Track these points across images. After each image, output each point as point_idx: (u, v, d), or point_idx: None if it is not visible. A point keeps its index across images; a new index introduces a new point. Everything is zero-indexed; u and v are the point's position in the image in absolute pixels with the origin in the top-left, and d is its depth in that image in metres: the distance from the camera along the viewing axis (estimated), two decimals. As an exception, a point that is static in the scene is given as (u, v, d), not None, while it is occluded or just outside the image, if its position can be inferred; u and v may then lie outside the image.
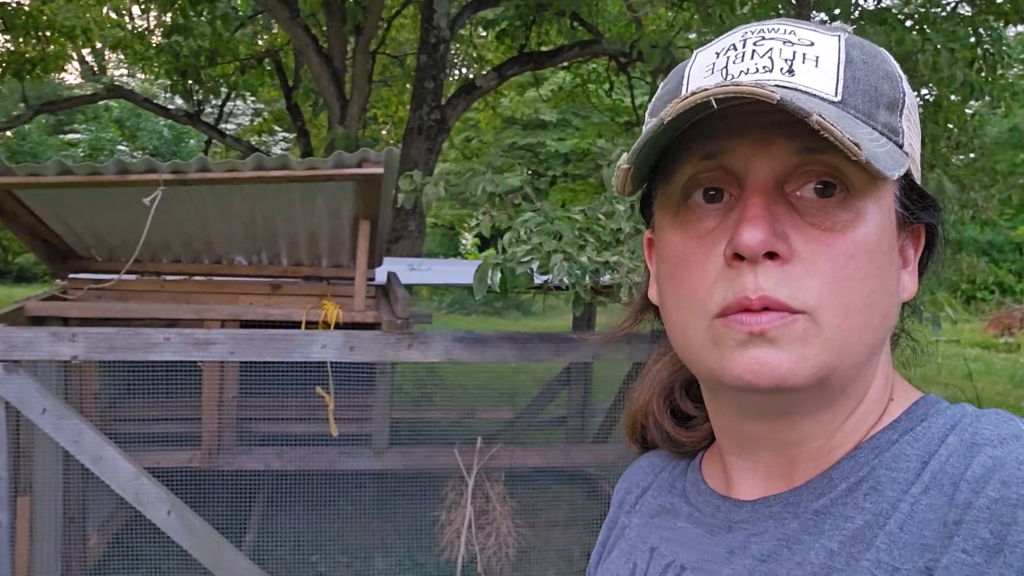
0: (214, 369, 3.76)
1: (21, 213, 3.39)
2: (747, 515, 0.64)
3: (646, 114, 0.67)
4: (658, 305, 0.67)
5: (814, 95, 0.55)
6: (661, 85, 0.65)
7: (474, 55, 10.13)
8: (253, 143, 9.97)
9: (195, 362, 3.61)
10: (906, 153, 0.58)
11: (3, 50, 8.76)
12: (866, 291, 0.56)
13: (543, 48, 7.55)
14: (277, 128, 12.62)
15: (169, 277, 3.87)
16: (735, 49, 0.59)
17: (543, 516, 4.41)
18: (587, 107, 13.36)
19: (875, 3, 5.79)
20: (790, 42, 0.58)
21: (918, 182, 0.62)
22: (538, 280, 2.84)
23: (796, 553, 0.58)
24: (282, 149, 15.59)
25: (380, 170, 3.03)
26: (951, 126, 5.58)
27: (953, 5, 5.39)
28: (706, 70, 0.60)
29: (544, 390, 5.64)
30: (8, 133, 17.44)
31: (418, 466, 3.98)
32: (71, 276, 3.75)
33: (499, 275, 2.74)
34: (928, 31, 4.19)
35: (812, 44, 0.58)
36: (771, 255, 0.55)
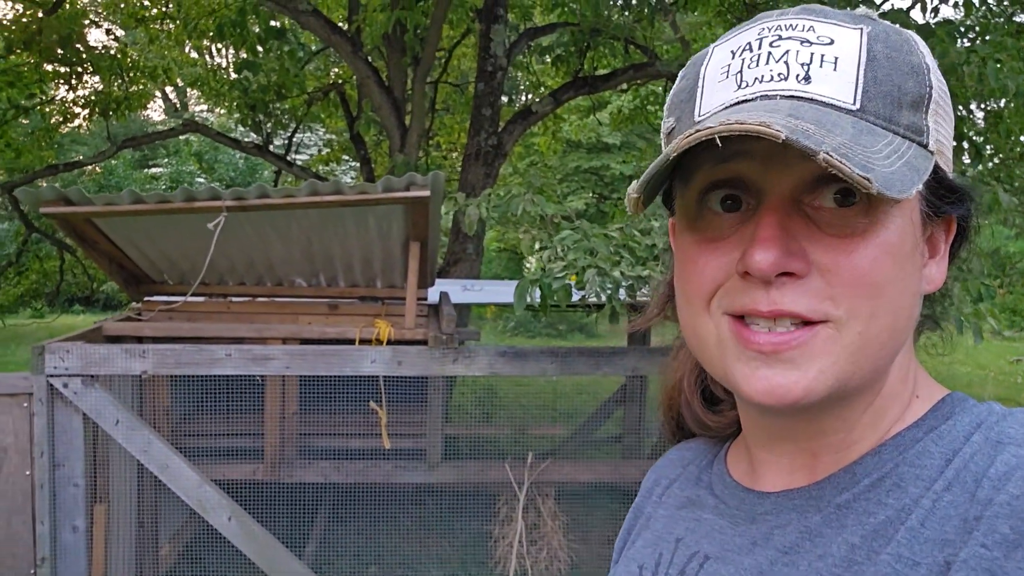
0: (276, 386, 3.96)
1: (100, 240, 3.65)
2: (770, 507, 0.65)
3: (664, 110, 0.66)
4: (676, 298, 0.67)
5: (831, 104, 0.54)
6: (679, 78, 0.64)
7: (533, 81, 10.32)
8: (321, 173, 10.34)
9: (259, 380, 3.82)
10: (931, 152, 0.57)
11: (91, 90, 9.33)
12: (890, 294, 0.56)
13: (598, 72, 7.66)
14: (345, 158, 13.02)
15: (234, 299, 4.09)
16: (750, 50, 0.57)
17: (595, 532, 4.46)
18: (650, 129, 13.41)
19: (932, 15, 5.73)
20: (808, 41, 0.56)
21: (949, 174, 0.61)
22: (576, 296, 2.93)
23: (818, 546, 0.59)
24: (351, 178, 16.07)
25: (427, 193, 3.17)
26: (1013, 137, 5.45)
27: (1010, 13, 5.30)
28: (721, 73, 0.59)
29: (600, 409, 5.69)
30: (97, 168, 18.42)
31: (471, 480, 4.09)
32: (146, 299, 4.01)
33: (538, 291, 2.85)
34: (975, 43, 4.14)
35: (832, 42, 0.56)
36: (786, 273, 0.54)
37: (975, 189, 0.63)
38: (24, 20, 8.03)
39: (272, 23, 7.23)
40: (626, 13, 6.85)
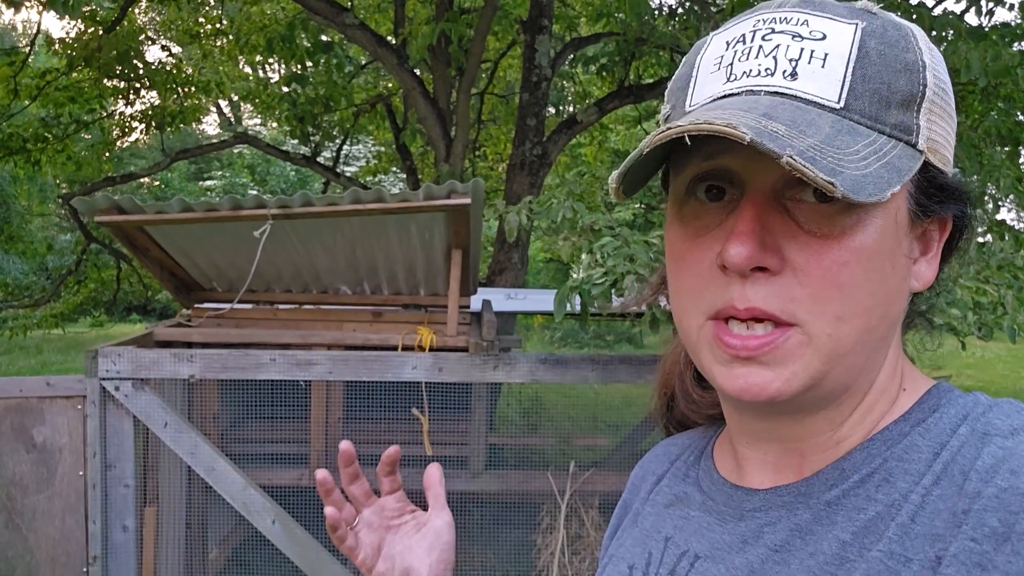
0: (321, 393, 4.01)
1: (152, 248, 3.75)
2: (759, 504, 0.64)
3: (665, 94, 0.67)
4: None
5: (813, 102, 0.54)
6: (681, 64, 0.65)
7: (578, 91, 10.33)
8: (368, 184, 10.49)
9: (304, 387, 3.88)
10: (920, 151, 0.56)
11: (148, 105, 9.62)
12: (861, 296, 0.56)
13: (644, 81, 7.64)
14: (394, 169, 13.19)
15: (281, 306, 4.16)
16: (743, 42, 0.58)
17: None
18: (697, 138, 13.26)
19: (987, 19, 5.59)
20: (800, 36, 0.56)
21: (945, 171, 0.60)
22: (616, 303, 2.92)
23: (809, 543, 0.59)
24: (398, 189, 16.25)
25: (468, 200, 3.19)
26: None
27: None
28: (714, 64, 0.59)
29: (645, 420, 5.63)
30: (153, 181, 18.93)
31: (513, 490, 4.09)
32: (195, 305, 4.10)
33: (578, 299, 2.84)
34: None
35: (824, 37, 0.56)
36: (761, 268, 0.55)
37: (970, 188, 0.63)
38: (85, 38, 8.31)
39: (320, 37, 7.37)
40: (672, 22, 6.83)
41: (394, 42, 6.78)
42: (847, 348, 0.56)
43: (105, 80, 8.67)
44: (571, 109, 12.16)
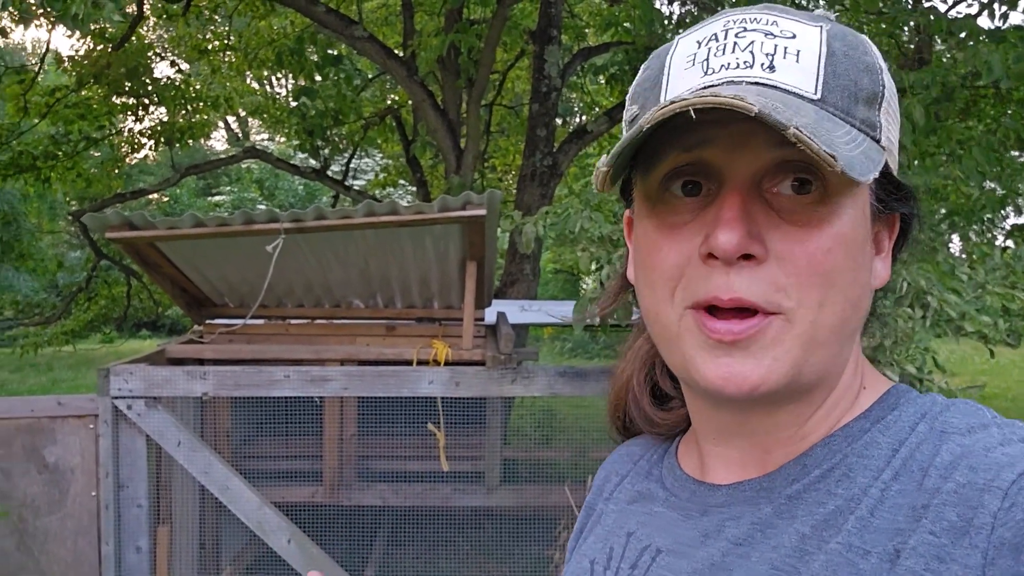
0: (334, 408, 3.96)
1: (163, 264, 3.71)
2: (722, 499, 0.65)
3: (627, 99, 0.66)
4: (635, 286, 0.67)
5: (794, 93, 0.55)
6: (642, 69, 0.65)
7: (588, 101, 10.30)
8: (378, 196, 10.47)
9: (318, 403, 3.83)
10: (883, 147, 0.58)
11: (157, 121, 9.63)
12: (841, 284, 0.57)
13: (653, 90, 7.59)
14: (402, 182, 13.18)
15: (293, 321, 4.12)
16: (716, 40, 0.59)
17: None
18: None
19: (1001, 21, 5.54)
20: (772, 34, 0.58)
21: (895, 173, 0.62)
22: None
23: (770, 537, 0.59)
24: (407, 202, 16.25)
25: (483, 212, 3.15)
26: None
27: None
28: (687, 61, 0.60)
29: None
30: (162, 197, 18.98)
31: (530, 504, 4.02)
32: (207, 321, 4.06)
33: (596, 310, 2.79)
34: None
35: (794, 36, 0.57)
36: (746, 256, 0.55)
37: (916, 190, 0.65)
38: (94, 55, 8.33)
39: (329, 50, 7.36)
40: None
41: (403, 54, 6.75)
42: (826, 336, 0.57)
43: (114, 97, 8.69)
44: (578, 120, 12.13)
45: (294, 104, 8.09)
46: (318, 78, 7.41)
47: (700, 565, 0.62)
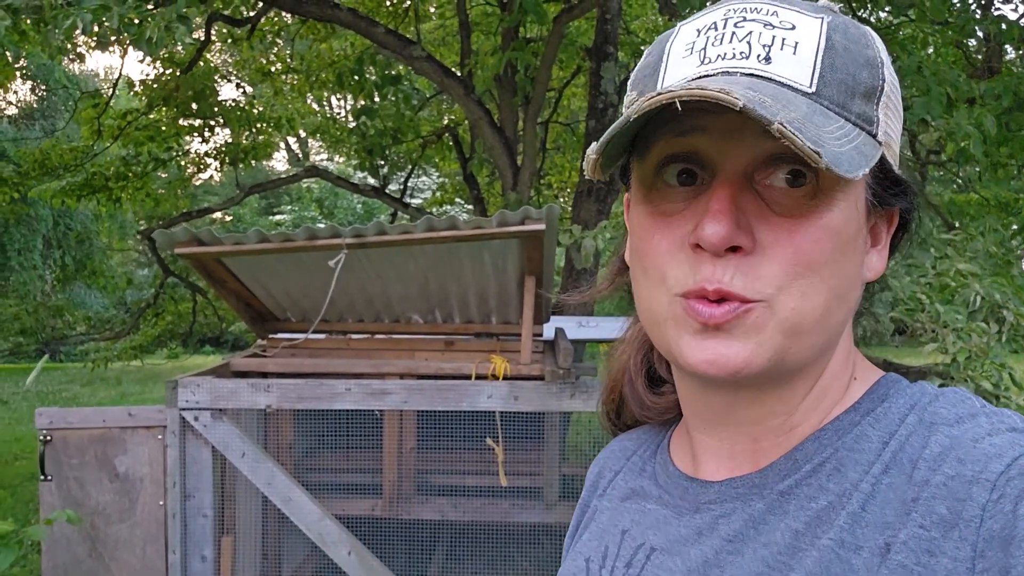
0: (394, 422, 3.99)
1: (229, 279, 3.80)
2: (714, 496, 0.65)
3: (628, 85, 0.67)
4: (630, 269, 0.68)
5: (787, 85, 0.55)
6: (645, 54, 0.65)
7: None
8: (435, 213, 10.58)
9: (378, 416, 3.86)
10: (879, 142, 0.58)
11: (222, 142, 9.91)
12: (827, 274, 0.57)
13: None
14: (459, 200, 13.29)
15: (354, 336, 4.17)
16: (715, 29, 0.59)
17: None
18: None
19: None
20: (771, 24, 0.57)
21: (895, 167, 0.62)
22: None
23: (763, 534, 0.59)
24: (465, 219, 16.38)
25: (542, 226, 3.15)
26: None
27: None
28: (685, 49, 0.60)
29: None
30: (226, 216, 19.48)
31: (588, 521, 3.99)
32: (270, 336, 4.14)
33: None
34: None
35: (793, 27, 0.57)
36: (734, 248, 0.56)
37: (919, 184, 0.65)
38: (164, 79, 8.62)
39: (388, 71, 7.48)
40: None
41: (460, 73, 6.83)
42: (809, 325, 0.57)
43: (182, 119, 8.97)
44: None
45: (354, 124, 8.25)
46: (377, 98, 7.53)
47: (694, 563, 0.63)
